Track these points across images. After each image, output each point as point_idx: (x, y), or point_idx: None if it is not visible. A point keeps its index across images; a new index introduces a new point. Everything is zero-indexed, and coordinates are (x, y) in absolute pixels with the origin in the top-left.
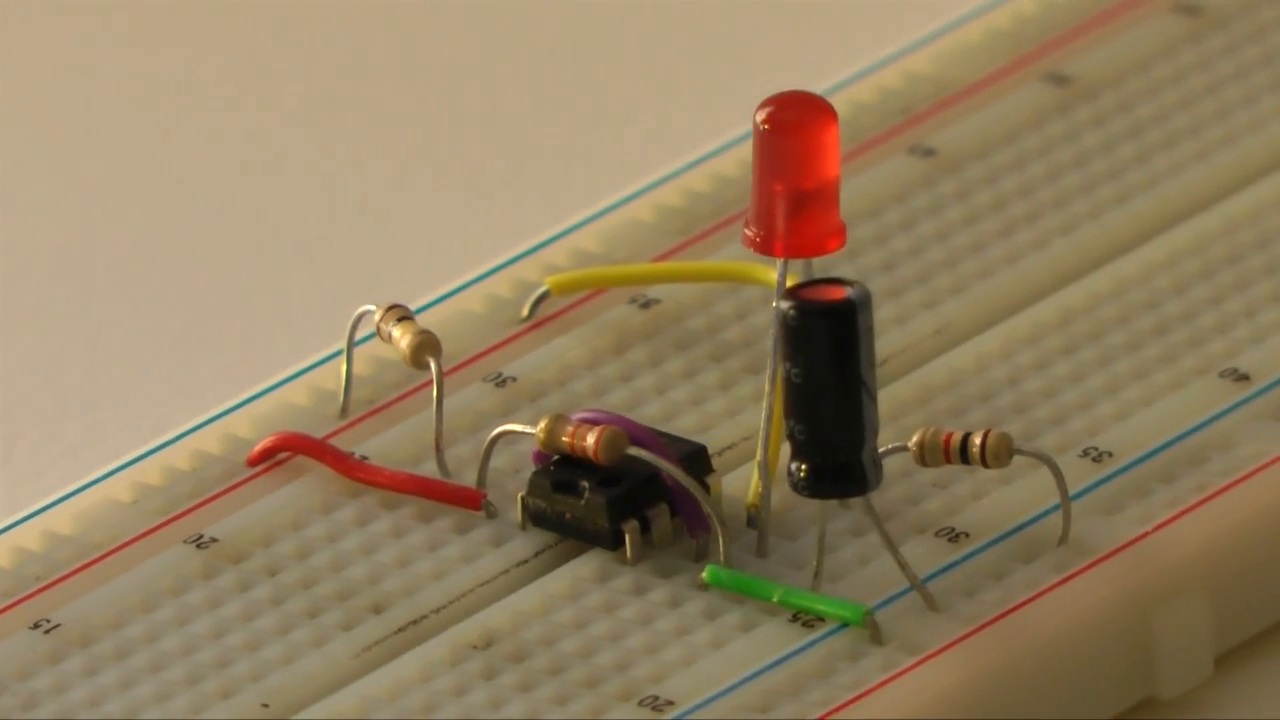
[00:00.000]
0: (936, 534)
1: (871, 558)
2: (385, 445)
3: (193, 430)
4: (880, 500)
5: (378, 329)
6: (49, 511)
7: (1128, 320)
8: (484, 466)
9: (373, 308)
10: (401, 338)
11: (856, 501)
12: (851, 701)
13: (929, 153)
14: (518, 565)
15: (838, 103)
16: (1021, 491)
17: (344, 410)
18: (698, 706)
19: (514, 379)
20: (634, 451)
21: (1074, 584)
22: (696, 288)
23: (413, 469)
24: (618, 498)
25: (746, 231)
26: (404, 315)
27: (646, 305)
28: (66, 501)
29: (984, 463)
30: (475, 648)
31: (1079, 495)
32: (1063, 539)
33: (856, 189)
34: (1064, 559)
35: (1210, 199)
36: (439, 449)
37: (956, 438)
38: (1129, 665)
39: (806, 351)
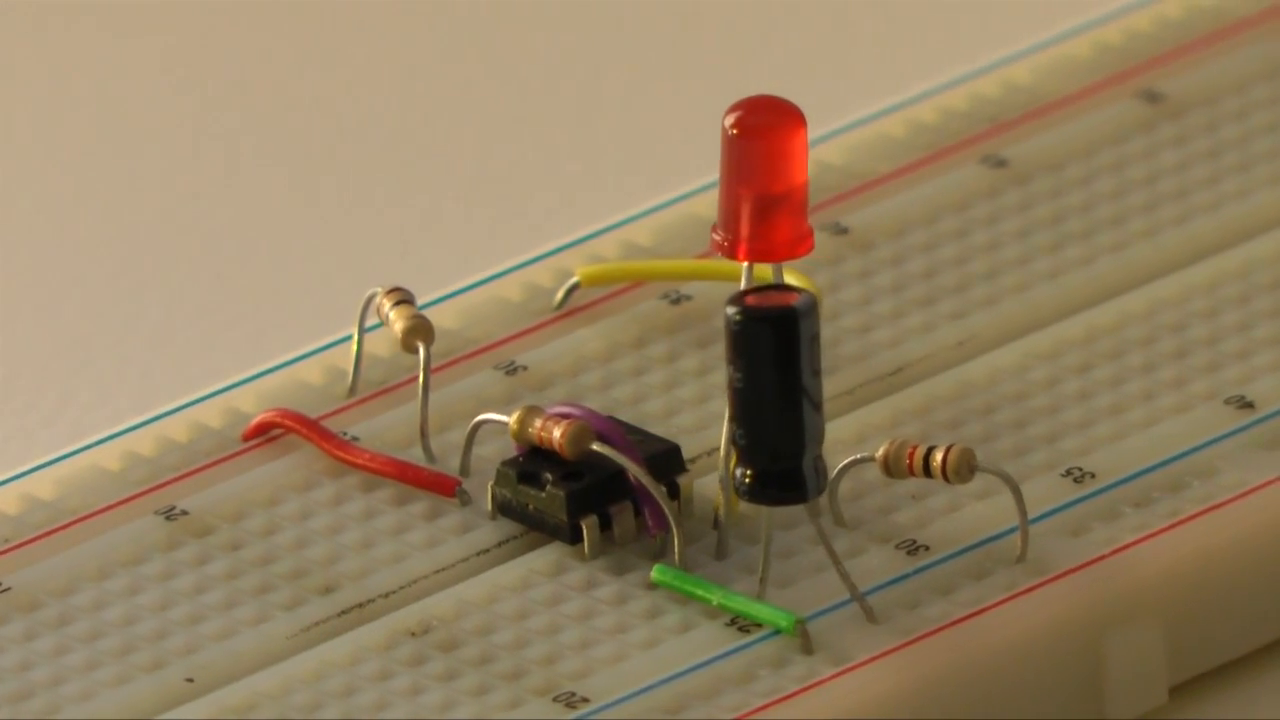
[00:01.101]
0: (897, 546)
1: (828, 565)
2: (385, 427)
3: (194, 402)
4: (852, 509)
5: (378, 311)
6: (33, 475)
7: (1151, 342)
8: (466, 454)
9: (380, 290)
10: (395, 321)
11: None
12: (761, 709)
13: (1000, 163)
14: (478, 554)
15: (926, 110)
16: (994, 508)
17: (352, 389)
18: (608, 705)
19: (524, 368)
20: (598, 447)
21: (1019, 603)
22: (731, 286)
23: (403, 452)
24: (577, 492)
25: (714, 236)
26: (402, 299)
27: (677, 301)
28: (52, 466)
29: (945, 478)
30: (414, 634)
31: (1051, 514)
32: (1020, 557)
33: (918, 196)
34: (1016, 577)
35: (1269, 224)
36: (424, 434)
37: (921, 452)
38: (1077, 687)
39: (749, 357)
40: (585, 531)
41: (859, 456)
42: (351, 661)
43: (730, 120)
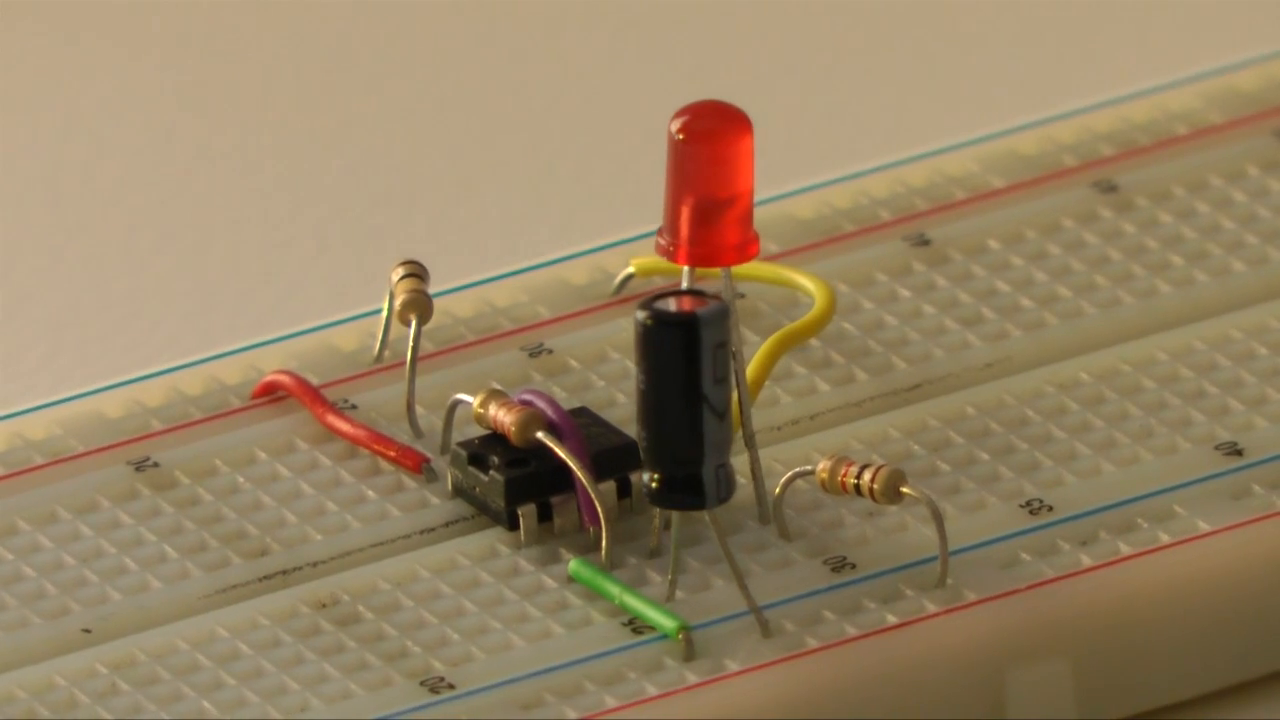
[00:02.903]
0: (825, 561)
1: (752, 572)
2: (393, 396)
3: (215, 357)
4: (805, 521)
5: (389, 281)
6: (32, 414)
7: (1172, 381)
8: (446, 431)
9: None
10: (397, 294)
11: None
12: (612, 711)
13: (1110, 188)
14: (421, 532)
15: (1070, 128)
16: (946, 528)
17: (378, 357)
18: (468, 694)
19: (550, 351)
20: (542, 436)
21: (917, 628)
22: (782, 291)
23: (395, 424)
24: (517, 479)
25: (659, 240)
26: (411, 273)
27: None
28: (55, 407)
29: (874, 497)
30: (324, 605)
31: (992, 543)
32: (939, 582)
33: (1015, 215)
34: (925, 602)
35: None
36: (410, 408)
37: (854, 470)
38: (976, 716)
39: (651, 361)
40: (522, 519)
41: (799, 470)
42: (246, 628)
43: (676, 125)
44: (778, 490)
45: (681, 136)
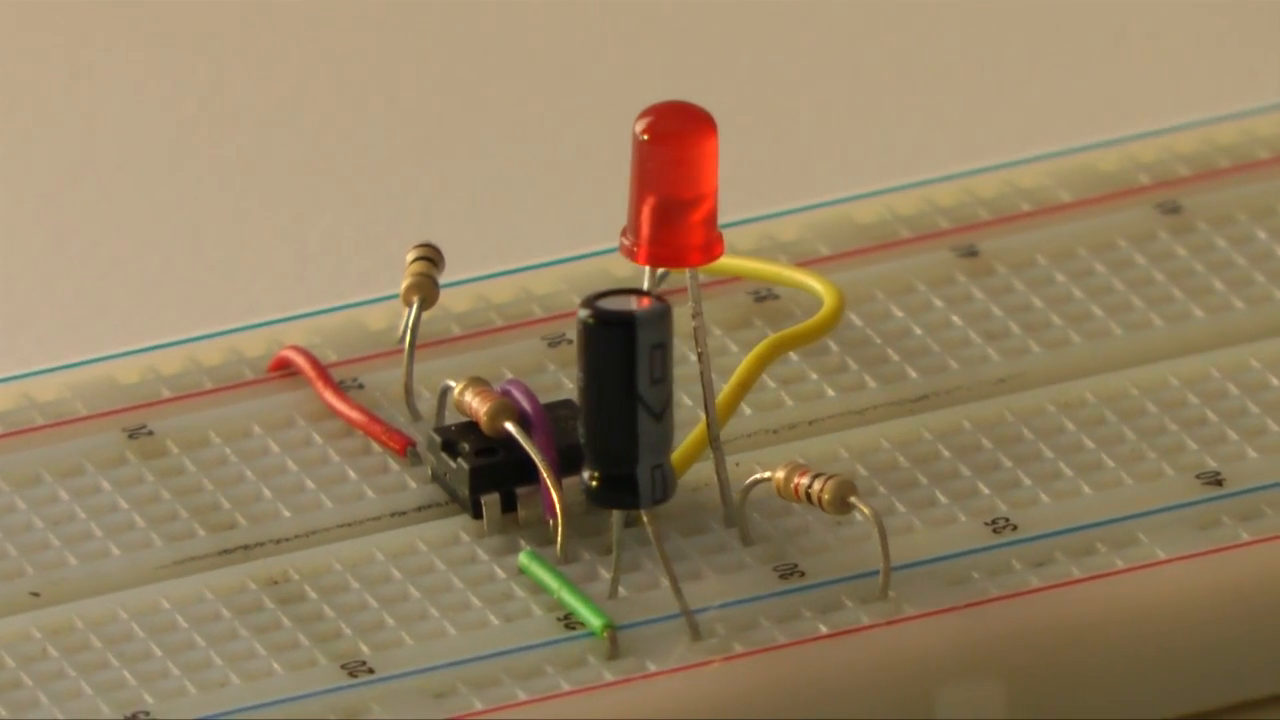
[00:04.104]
0: (776, 568)
1: (701, 573)
2: (405, 377)
3: (238, 329)
4: (771, 526)
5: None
6: (45, 375)
7: (1175, 407)
8: (439, 417)
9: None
10: (405, 277)
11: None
12: (513, 705)
13: (1174, 210)
14: (391, 515)
15: (1151, 147)
16: (901, 544)
17: (402, 337)
18: (385, 679)
19: (570, 342)
20: (509, 426)
21: (845, 639)
22: (808, 298)
23: (396, 405)
24: (482, 468)
25: (623, 240)
26: (422, 256)
27: (762, 299)
28: (69, 370)
29: (823, 507)
30: (276, 583)
31: (947, 559)
32: (881, 595)
33: (1071, 231)
34: (861, 614)
35: None
36: (408, 390)
37: (806, 479)
38: None
39: (588, 360)
40: (485, 509)
41: (759, 476)
42: (190, 601)
43: (641, 125)
44: (739, 495)
45: (645, 137)
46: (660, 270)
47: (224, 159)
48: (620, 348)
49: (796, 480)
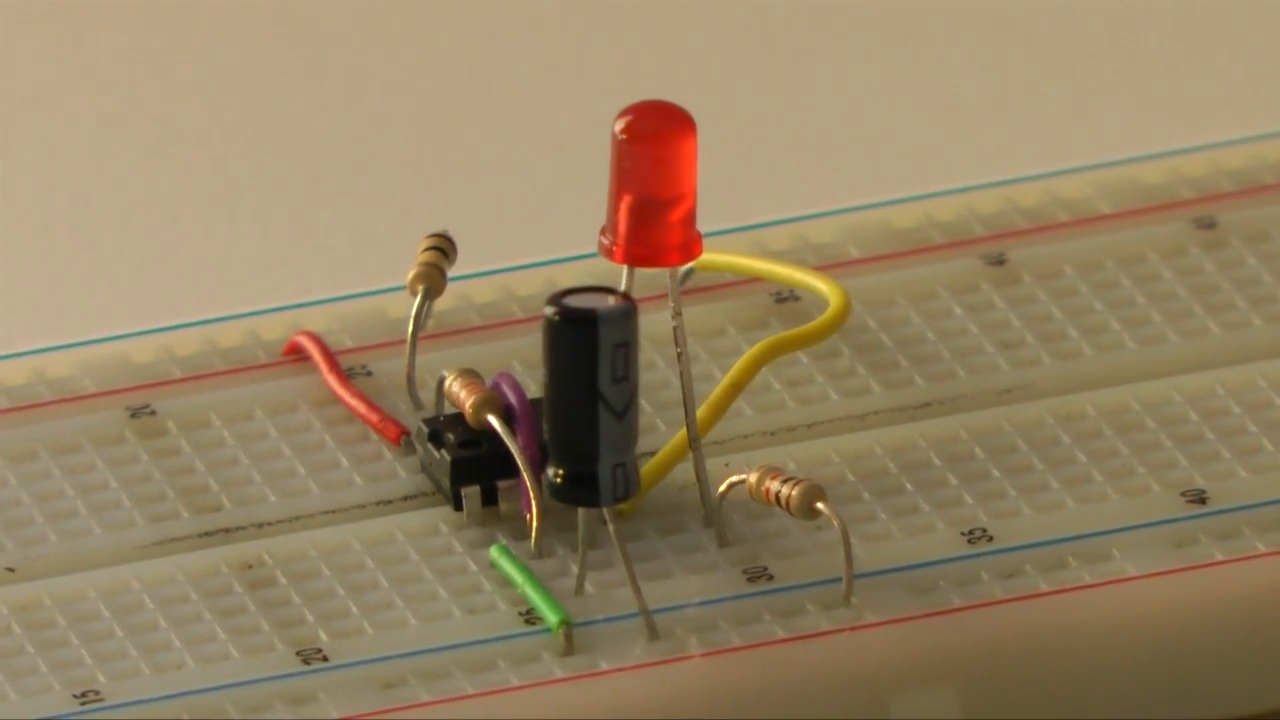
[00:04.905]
0: (745, 570)
1: (670, 572)
2: (419, 366)
3: (258, 313)
4: (750, 528)
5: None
6: (59, 351)
7: (1174, 423)
8: (437, 406)
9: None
10: (413, 265)
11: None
12: (458, 699)
13: (1209, 225)
14: (377, 504)
15: (1199, 162)
16: (874, 551)
17: (424, 324)
18: (337, 667)
19: None
20: (492, 419)
21: (800, 645)
22: (822, 301)
23: (400, 394)
24: (463, 460)
25: (602, 239)
26: (431, 246)
27: (783, 300)
28: (84, 347)
29: (790, 511)
30: (250, 567)
31: (917, 567)
32: (844, 601)
33: (1102, 243)
34: (819, 621)
35: None
36: (410, 380)
37: (776, 482)
38: None
39: (550, 356)
40: (465, 501)
41: (736, 478)
42: (161, 582)
43: (620, 125)
44: (718, 496)
45: (624, 136)
46: (686, 266)
47: (265, 147)
48: (582, 345)
49: (768, 484)
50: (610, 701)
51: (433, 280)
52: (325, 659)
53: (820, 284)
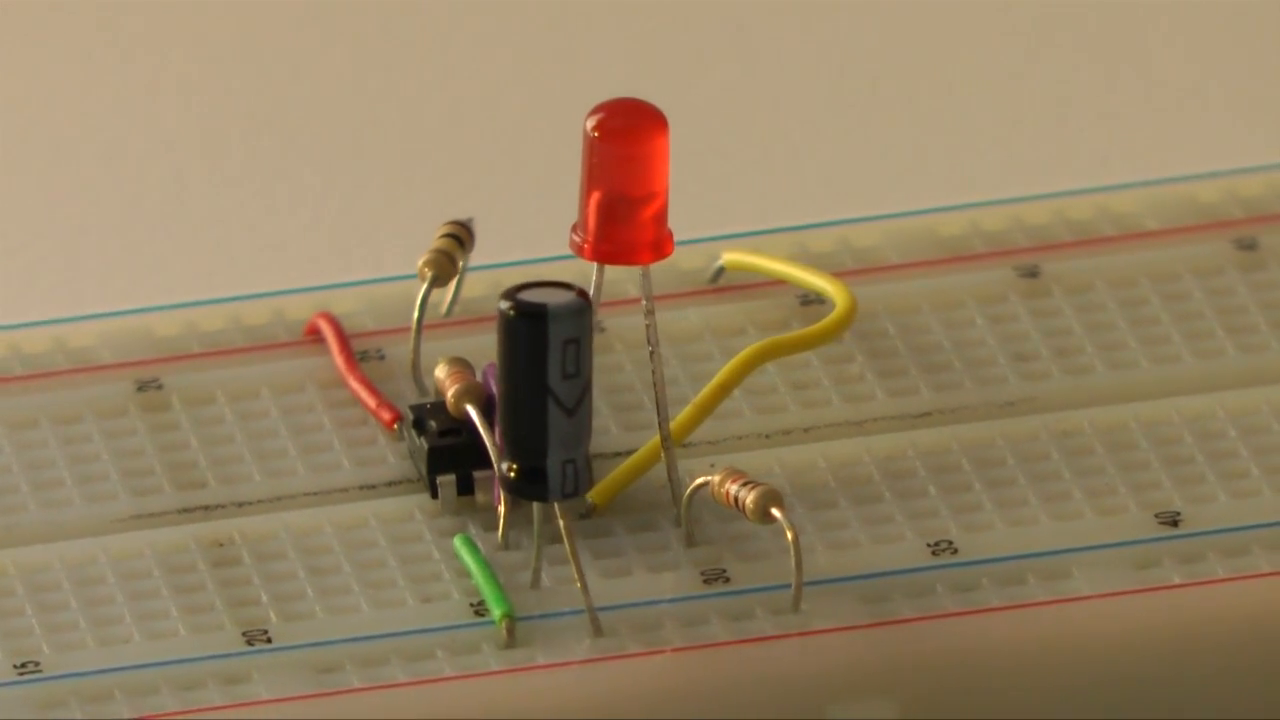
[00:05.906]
0: (703, 571)
1: (633, 569)
2: (430, 352)
3: (287, 292)
4: (720, 529)
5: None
6: (82, 322)
7: (1168, 444)
8: (437, 393)
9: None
10: (426, 251)
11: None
12: (391, 686)
13: (1249, 246)
14: (360, 488)
15: (1258, 182)
16: (843, 558)
17: (448, 310)
18: (278, 649)
19: (603, 330)
20: (469, 409)
21: (740, 648)
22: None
23: (406, 379)
24: (441, 449)
25: (573, 237)
26: (449, 233)
27: (808, 303)
28: (108, 319)
29: (746, 515)
30: (221, 545)
31: (877, 576)
32: (793, 608)
33: (1139, 259)
34: (764, 626)
35: None
36: (415, 366)
37: (736, 485)
38: None
39: (503, 349)
40: (440, 489)
41: (702, 480)
42: (127, 557)
43: (591, 123)
44: (685, 497)
45: (596, 134)
46: (717, 265)
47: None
48: (533, 339)
49: (728, 486)
50: (544, 698)
51: (441, 267)
52: (269, 640)
53: (830, 288)
